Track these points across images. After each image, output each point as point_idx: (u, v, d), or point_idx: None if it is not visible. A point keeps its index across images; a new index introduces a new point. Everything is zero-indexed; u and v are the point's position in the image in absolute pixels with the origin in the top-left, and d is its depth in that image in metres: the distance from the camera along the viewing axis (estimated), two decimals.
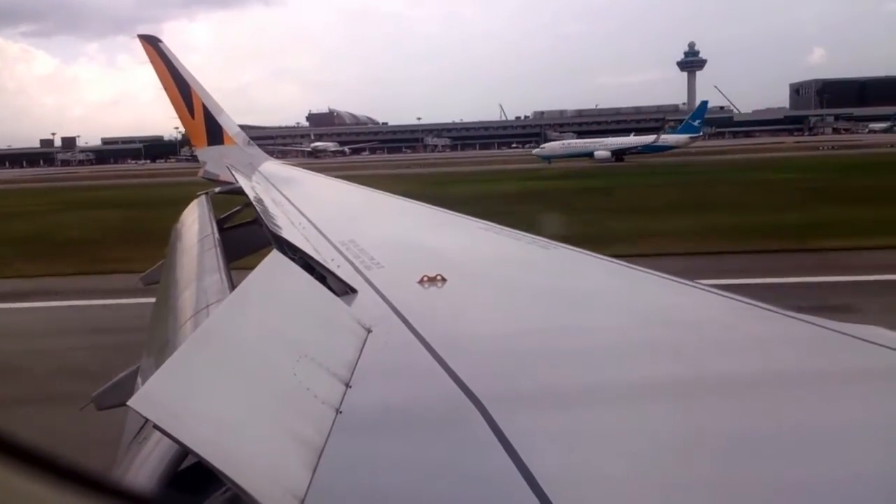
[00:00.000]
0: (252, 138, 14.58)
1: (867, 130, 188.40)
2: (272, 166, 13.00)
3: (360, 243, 4.43)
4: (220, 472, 1.35)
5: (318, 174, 12.73)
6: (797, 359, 2.37)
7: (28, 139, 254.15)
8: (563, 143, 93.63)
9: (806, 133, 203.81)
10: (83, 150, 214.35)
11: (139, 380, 3.55)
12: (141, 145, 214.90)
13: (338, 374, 2.05)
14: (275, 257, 2.72)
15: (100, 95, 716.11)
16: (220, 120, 13.33)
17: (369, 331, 2.55)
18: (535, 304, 3.17)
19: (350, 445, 1.69)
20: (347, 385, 2.02)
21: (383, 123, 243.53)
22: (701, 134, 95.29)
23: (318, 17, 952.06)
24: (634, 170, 65.47)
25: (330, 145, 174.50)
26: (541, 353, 2.44)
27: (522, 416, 1.84)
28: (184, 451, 1.63)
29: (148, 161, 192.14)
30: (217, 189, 10.36)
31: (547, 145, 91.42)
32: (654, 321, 2.82)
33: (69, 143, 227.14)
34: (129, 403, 1.40)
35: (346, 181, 10.80)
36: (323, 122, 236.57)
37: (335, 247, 4.38)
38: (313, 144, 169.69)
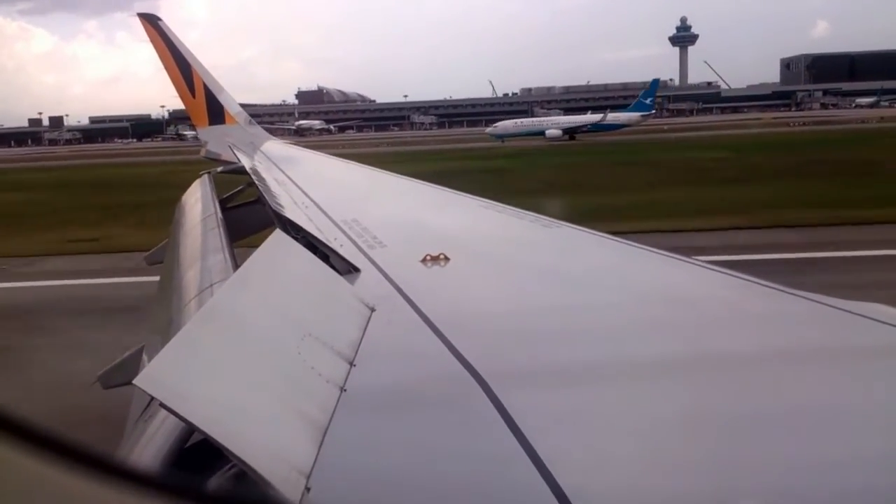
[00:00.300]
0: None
1: (854, 105, 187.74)
2: (274, 146, 13.01)
3: (362, 222, 4.44)
4: (225, 449, 1.36)
5: (321, 153, 12.72)
6: (799, 336, 2.38)
7: (23, 118, 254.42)
8: (516, 122, 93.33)
9: (793, 108, 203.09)
10: (70, 130, 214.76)
11: (145, 358, 3.60)
12: (128, 124, 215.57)
13: (342, 352, 2.07)
14: (278, 237, 2.74)
15: (99, 72, 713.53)
16: (221, 99, 13.28)
17: (373, 310, 2.56)
18: (538, 282, 3.17)
19: (354, 423, 1.71)
20: (351, 364, 2.04)
21: (372, 101, 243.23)
22: (653, 111, 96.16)
23: None
24: (573, 149, 66.63)
25: (315, 123, 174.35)
26: (544, 331, 2.45)
27: (526, 394, 1.85)
28: (189, 429, 1.64)
29: (134, 140, 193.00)
30: (219, 169, 10.39)
31: (500, 124, 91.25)
32: (657, 299, 2.83)
33: (56, 122, 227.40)
34: (134, 382, 1.43)
35: (348, 160, 10.80)
36: (312, 100, 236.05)
37: (338, 226, 4.38)
38: (298, 123, 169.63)
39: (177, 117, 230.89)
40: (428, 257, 3.34)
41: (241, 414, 1.54)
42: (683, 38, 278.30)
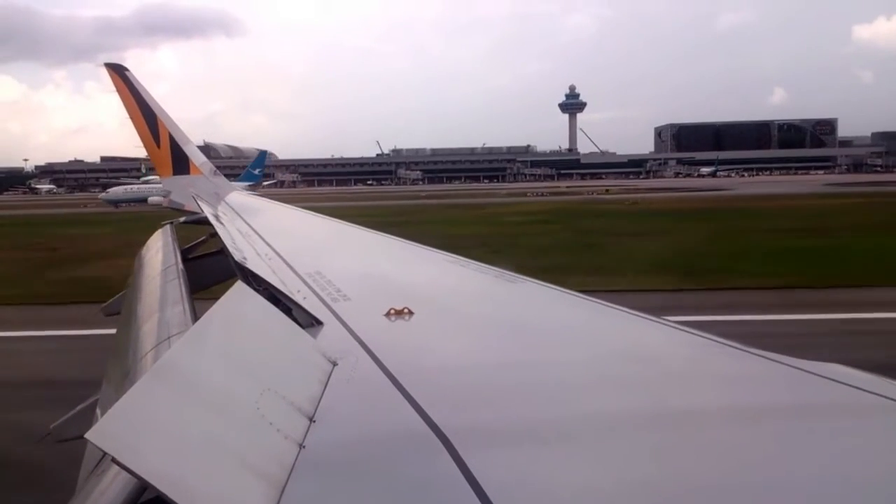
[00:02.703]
0: (117, 170, 15.29)
1: (697, 174, 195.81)
2: (238, 196, 13.06)
3: (326, 275, 4.41)
4: None
5: (286, 205, 12.59)
6: (760, 396, 2.40)
7: None
8: (126, 189, 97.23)
9: (642, 176, 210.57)
10: None
11: (98, 412, 3.55)
12: None
13: (302, 408, 2.03)
14: (239, 288, 2.71)
15: (65, 121, 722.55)
16: (187, 149, 13.46)
17: (335, 364, 2.54)
18: (503, 338, 3.17)
19: (313, 481, 1.68)
20: (311, 419, 2.00)
21: (274, 156, 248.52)
22: (260, 182, 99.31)
23: (281, 48, 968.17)
24: (128, 216, 68.44)
25: (154, 178, 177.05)
26: (509, 387, 2.43)
27: (490, 453, 1.84)
28: (142, 486, 1.60)
29: None
30: (182, 219, 10.31)
31: (111, 190, 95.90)
32: (623, 356, 2.83)
33: None
34: (86, 436, 1.39)
35: (313, 212, 10.68)
36: None
37: (301, 278, 4.35)
38: (144, 178, 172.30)
39: (44, 171, 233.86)
40: (392, 311, 3.33)
41: (197, 470, 1.52)
42: (572, 105, 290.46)
